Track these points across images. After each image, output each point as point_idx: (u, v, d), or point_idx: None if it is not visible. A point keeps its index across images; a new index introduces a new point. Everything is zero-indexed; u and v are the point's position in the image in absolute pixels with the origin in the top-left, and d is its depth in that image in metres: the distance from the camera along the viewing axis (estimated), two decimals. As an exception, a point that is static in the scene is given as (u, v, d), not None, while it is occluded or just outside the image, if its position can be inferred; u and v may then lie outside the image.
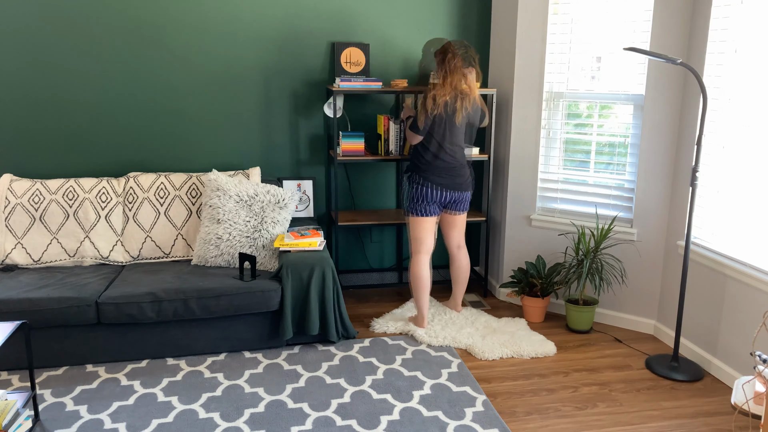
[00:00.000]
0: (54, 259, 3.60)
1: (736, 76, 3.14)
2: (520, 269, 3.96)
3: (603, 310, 3.92)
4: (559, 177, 3.95)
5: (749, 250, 3.07)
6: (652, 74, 3.51)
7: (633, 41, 3.57)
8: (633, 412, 2.90)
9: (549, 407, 2.93)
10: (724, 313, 3.20)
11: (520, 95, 3.96)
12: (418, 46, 4.25)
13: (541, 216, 4.01)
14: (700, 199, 3.39)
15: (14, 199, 3.61)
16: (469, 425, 2.74)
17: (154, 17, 3.86)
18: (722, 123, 3.23)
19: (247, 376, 3.17)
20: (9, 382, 3.08)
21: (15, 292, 3.15)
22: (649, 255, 3.70)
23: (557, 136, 3.92)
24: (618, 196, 3.77)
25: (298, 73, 4.11)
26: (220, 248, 3.56)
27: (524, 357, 3.43)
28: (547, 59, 3.86)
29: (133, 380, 3.11)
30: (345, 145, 3.97)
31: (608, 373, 3.28)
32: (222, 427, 2.71)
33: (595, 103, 3.76)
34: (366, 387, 3.06)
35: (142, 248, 3.71)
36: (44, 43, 3.77)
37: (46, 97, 3.84)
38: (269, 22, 4.01)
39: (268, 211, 3.63)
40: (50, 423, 2.73)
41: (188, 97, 4.01)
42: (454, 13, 4.26)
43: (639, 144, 3.61)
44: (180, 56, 3.94)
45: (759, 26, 2.98)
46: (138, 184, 3.77)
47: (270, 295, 3.30)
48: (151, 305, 3.17)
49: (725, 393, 3.10)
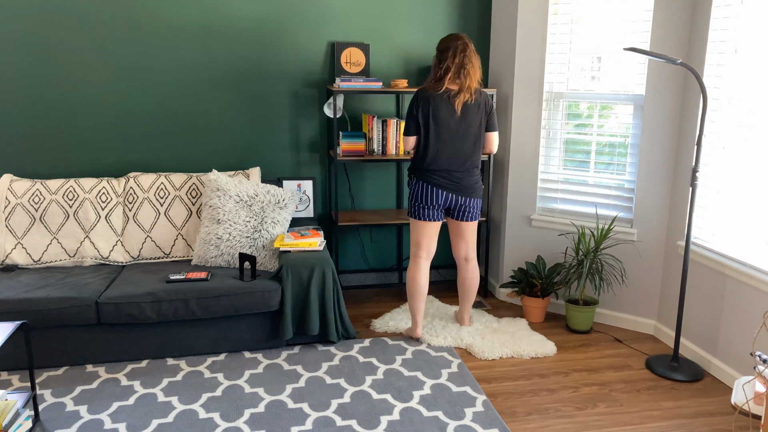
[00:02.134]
0: (54, 260, 3.60)
1: (736, 76, 3.13)
2: (520, 269, 3.96)
3: (603, 311, 3.92)
4: (559, 177, 3.95)
5: (749, 250, 3.07)
6: (653, 74, 3.51)
7: (633, 41, 3.57)
8: (633, 412, 2.90)
9: (549, 407, 2.93)
10: (724, 313, 3.20)
11: (521, 95, 3.96)
12: (419, 46, 4.25)
13: (542, 216, 4.01)
14: (700, 199, 3.39)
15: (14, 200, 3.61)
16: (469, 425, 2.74)
17: (154, 17, 3.86)
18: (722, 123, 3.23)
19: (247, 376, 3.17)
20: (9, 382, 3.08)
21: (15, 292, 3.15)
22: (649, 255, 3.70)
23: (557, 136, 3.92)
24: (618, 196, 3.77)
25: (298, 73, 4.11)
26: (220, 248, 3.56)
27: (524, 357, 3.43)
28: (548, 59, 3.86)
29: (133, 380, 3.11)
30: (345, 145, 3.97)
31: (608, 373, 3.28)
32: (222, 427, 2.71)
33: (595, 103, 3.76)
34: (366, 387, 3.06)
35: (142, 248, 3.71)
36: (44, 43, 3.77)
37: (46, 98, 3.84)
38: (269, 22, 4.01)
39: (268, 212, 3.63)
40: (50, 423, 2.73)
41: (188, 97, 4.01)
42: (454, 12, 4.26)
43: (639, 144, 3.61)
44: (180, 56, 3.94)
45: (759, 26, 2.98)
46: (138, 185, 3.77)
47: (270, 296, 3.30)
48: (151, 305, 3.17)
49: (725, 393, 3.10)
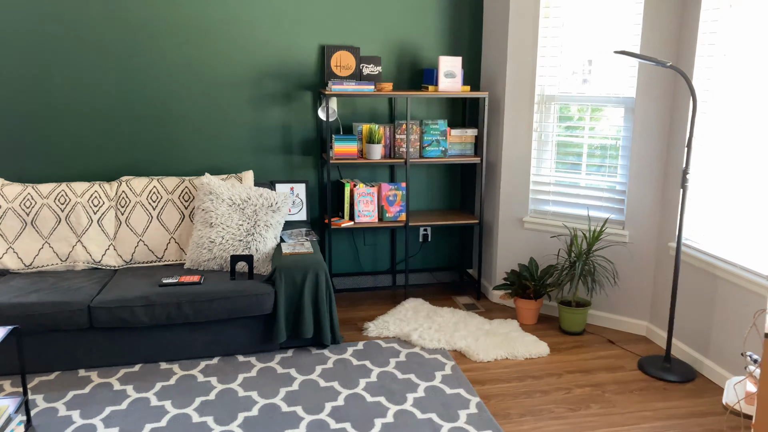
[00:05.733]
0: (46, 264, 3.58)
1: (725, 79, 3.16)
2: (513, 271, 3.97)
3: (595, 312, 3.94)
4: (552, 179, 3.97)
5: (740, 251, 3.09)
6: (643, 77, 3.53)
7: (623, 44, 3.60)
8: (626, 413, 2.92)
9: (542, 409, 2.94)
10: (715, 313, 3.23)
11: (512, 98, 3.98)
12: (410, 49, 4.26)
13: (534, 218, 4.03)
14: (691, 200, 3.41)
15: (5, 204, 3.59)
16: (463, 427, 2.74)
17: (147, 22, 3.86)
18: (712, 125, 3.26)
19: (240, 379, 3.16)
20: (1, 387, 3.06)
21: (6, 297, 3.13)
22: (641, 257, 3.72)
23: (549, 139, 3.94)
24: (609, 198, 3.79)
25: (290, 76, 4.12)
26: (213, 252, 3.55)
27: (518, 358, 3.44)
28: (539, 62, 3.88)
29: (125, 385, 3.09)
30: (338, 148, 3.97)
31: (601, 374, 3.29)
32: (216, 431, 2.71)
33: (586, 105, 3.78)
34: (360, 390, 3.06)
35: (135, 252, 3.70)
36: (36, 48, 3.75)
37: (37, 102, 3.82)
38: (261, 26, 4.01)
39: (261, 215, 3.63)
40: (43, 428, 2.72)
41: (181, 101, 4.00)
42: (445, 16, 4.28)
43: (630, 146, 3.63)
44: (173, 60, 3.94)
45: (748, 30, 3.01)
46: (130, 188, 3.76)
47: (263, 299, 3.29)
48: (143, 309, 3.16)
49: (717, 393, 3.11)
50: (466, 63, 4.39)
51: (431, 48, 4.31)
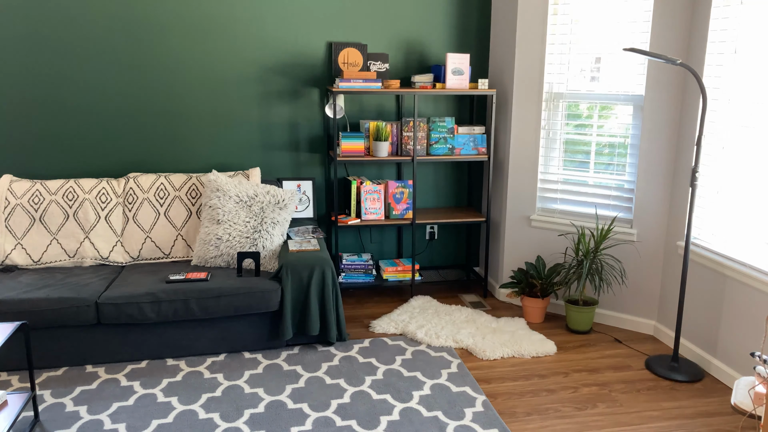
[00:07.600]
0: (54, 260, 3.60)
1: (735, 76, 3.14)
2: (519, 270, 3.96)
3: (603, 311, 3.92)
4: (559, 177, 3.96)
5: (749, 251, 3.07)
6: (652, 75, 3.51)
7: (633, 42, 3.57)
8: (633, 412, 2.90)
9: (549, 408, 2.93)
10: (723, 313, 3.20)
11: (520, 96, 3.96)
12: (417, 46, 4.25)
13: (541, 216, 4.01)
14: (700, 199, 3.39)
15: (14, 200, 3.61)
16: (469, 425, 2.74)
17: (154, 18, 3.86)
18: (722, 123, 3.23)
19: (246, 376, 3.17)
20: (9, 382, 3.08)
21: (15, 292, 3.15)
22: (649, 255, 3.70)
23: (557, 137, 3.92)
24: (618, 196, 3.77)
25: (297, 73, 4.12)
26: (219, 249, 3.56)
27: (525, 356, 3.43)
28: (547, 59, 3.86)
29: (132, 381, 3.11)
30: (345, 145, 3.97)
31: (608, 373, 3.28)
32: (222, 427, 2.71)
33: (595, 103, 3.76)
34: (366, 387, 3.06)
35: (142, 249, 3.71)
36: (44, 43, 3.77)
37: (45, 98, 3.84)
38: (268, 23, 4.01)
39: (268, 212, 3.63)
40: (50, 424, 2.73)
41: (188, 98, 4.01)
42: (453, 13, 4.26)
43: (639, 144, 3.61)
44: (180, 57, 3.94)
45: (759, 26, 2.98)
46: (138, 185, 3.77)
47: (270, 296, 3.30)
48: (150, 305, 3.17)
49: (725, 393, 3.10)
50: (473, 60, 4.38)
51: (439, 45, 4.30)
